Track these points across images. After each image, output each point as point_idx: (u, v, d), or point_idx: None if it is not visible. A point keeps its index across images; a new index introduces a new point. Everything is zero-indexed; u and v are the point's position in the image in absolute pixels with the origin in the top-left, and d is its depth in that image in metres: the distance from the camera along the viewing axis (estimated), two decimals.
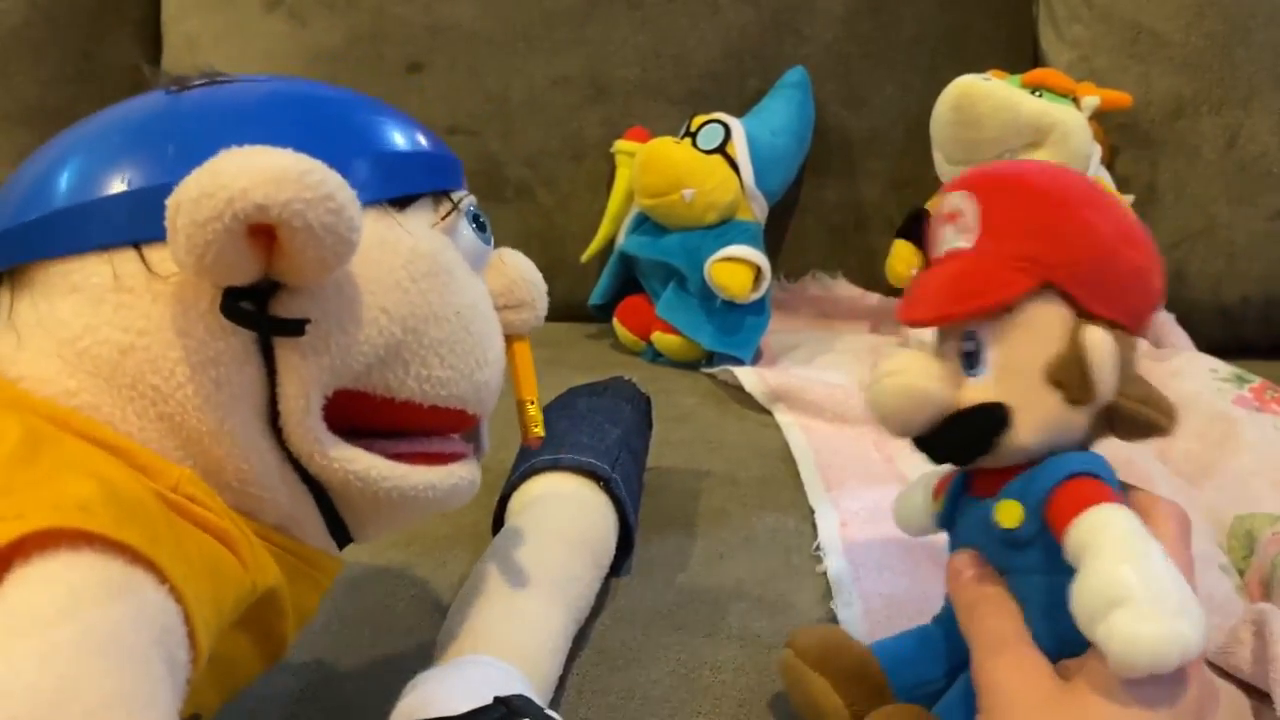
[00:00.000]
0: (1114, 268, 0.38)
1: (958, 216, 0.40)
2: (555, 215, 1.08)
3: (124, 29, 1.20)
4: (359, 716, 0.45)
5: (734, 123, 0.98)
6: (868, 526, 0.61)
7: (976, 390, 0.38)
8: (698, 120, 0.99)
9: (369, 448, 0.36)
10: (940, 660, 0.43)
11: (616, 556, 0.55)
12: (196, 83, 0.38)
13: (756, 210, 0.98)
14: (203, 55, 1.13)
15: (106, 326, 0.33)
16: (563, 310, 1.09)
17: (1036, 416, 0.37)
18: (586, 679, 0.48)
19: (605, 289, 1.02)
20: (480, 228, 0.41)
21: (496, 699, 0.37)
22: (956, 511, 0.42)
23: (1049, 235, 0.38)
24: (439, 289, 0.37)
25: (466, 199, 0.41)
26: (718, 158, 0.95)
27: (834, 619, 0.53)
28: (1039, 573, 0.38)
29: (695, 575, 0.57)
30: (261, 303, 0.33)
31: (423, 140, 0.40)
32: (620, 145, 1.02)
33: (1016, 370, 0.38)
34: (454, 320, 0.37)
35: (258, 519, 0.35)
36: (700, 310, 0.93)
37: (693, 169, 0.93)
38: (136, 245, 0.33)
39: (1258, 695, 0.47)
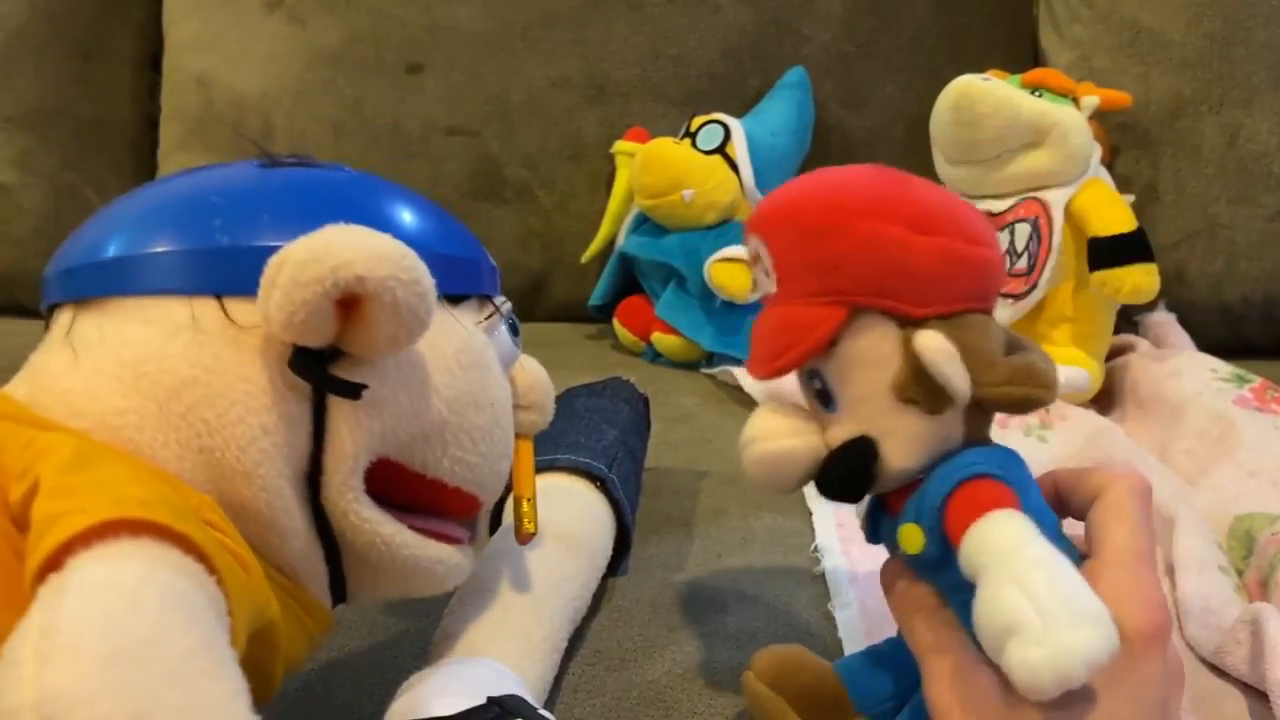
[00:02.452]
0: (916, 265, 0.36)
1: (757, 260, 0.39)
2: (555, 216, 1.09)
3: (125, 30, 1.20)
4: (354, 716, 0.45)
5: (733, 123, 0.98)
6: None
7: (839, 428, 0.37)
8: (697, 121, 0.99)
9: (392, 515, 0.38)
10: (897, 675, 0.42)
11: (614, 556, 0.55)
12: (286, 162, 0.41)
13: None
14: (203, 57, 1.13)
15: (175, 358, 0.35)
16: (563, 311, 1.11)
17: (901, 439, 0.36)
18: (583, 679, 0.48)
19: (605, 289, 1.02)
20: (514, 332, 0.45)
21: (490, 699, 0.37)
22: (880, 527, 0.41)
23: (835, 263, 0.36)
24: (481, 380, 0.40)
25: (505, 305, 0.44)
26: (717, 158, 0.95)
27: (831, 620, 0.53)
28: (961, 590, 0.36)
29: (693, 575, 0.57)
30: (323, 364, 0.35)
31: (473, 249, 0.43)
32: (620, 146, 1.02)
33: (866, 399, 0.36)
34: (490, 411, 0.40)
35: (265, 559, 0.36)
36: (700, 311, 0.93)
37: (692, 169, 0.93)
38: (217, 296, 0.36)
39: (1255, 695, 0.47)
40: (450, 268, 0.40)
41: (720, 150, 0.96)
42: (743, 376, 0.85)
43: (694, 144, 0.96)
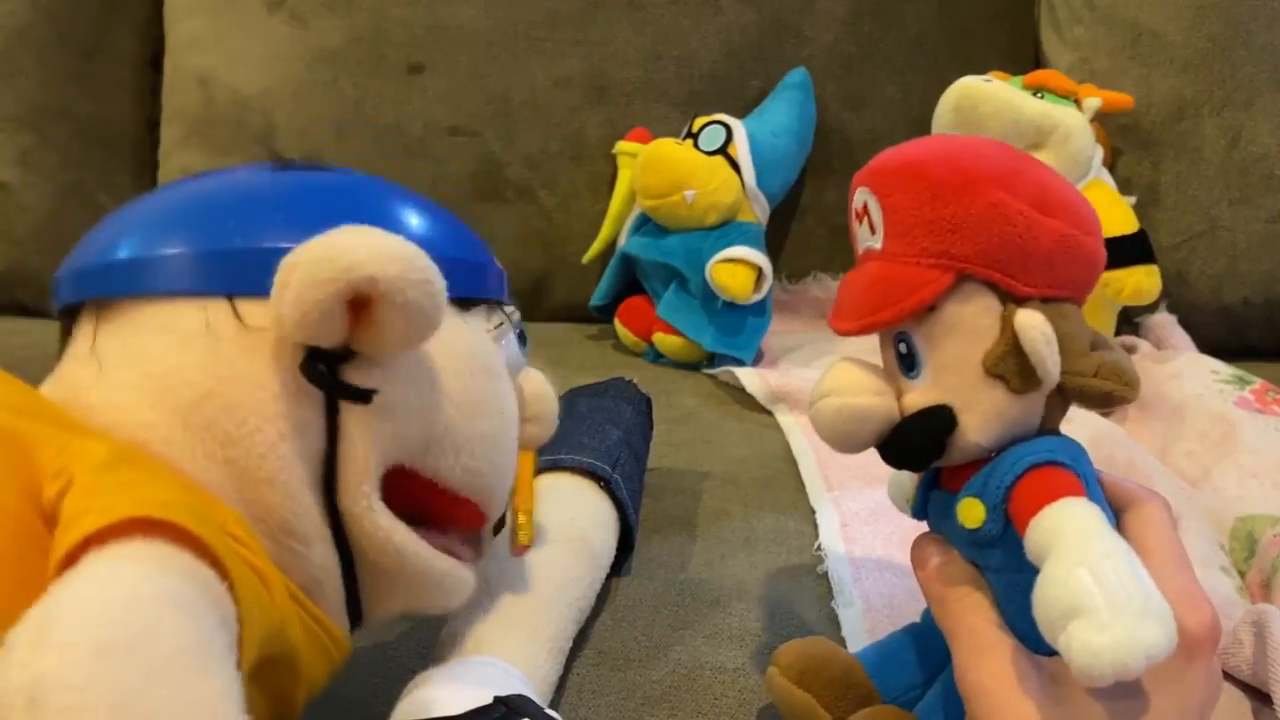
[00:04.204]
0: (1033, 243, 0.36)
1: (864, 215, 0.39)
2: (556, 216, 1.09)
3: (126, 30, 1.20)
4: (361, 715, 0.45)
5: (735, 124, 0.98)
6: (868, 527, 0.61)
7: (918, 394, 0.37)
8: (699, 121, 0.99)
9: None
10: (923, 663, 0.43)
11: (617, 557, 0.55)
12: (297, 165, 0.42)
13: (758, 211, 0.98)
14: (205, 56, 1.13)
15: (193, 368, 0.35)
16: (564, 311, 1.11)
17: (982, 412, 0.36)
18: (587, 679, 0.48)
19: (607, 290, 1.02)
20: (522, 341, 0.45)
21: (496, 699, 0.37)
22: (929, 503, 0.41)
23: (955, 225, 0.36)
24: (491, 387, 0.41)
25: (515, 315, 0.44)
26: (719, 159, 0.95)
27: (834, 619, 0.53)
28: (1009, 571, 0.36)
29: (696, 575, 0.57)
30: (335, 367, 0.36)
31: (481, 253, 0.43)
32: (622, 146, 1.02)
33: (953, 368, 0.36)
34: (499, 419, 0.41)
35: (290, 576, 0.36)
36: (701, 311, 0.93)
37: (694, 170, 0.93)
38: (229, 298, 0.36)
39: (1258, 696, 0.47)
40: (460, 271, 0.40)
41: (722, 151, 0.96)
42: (744, 377, 0.85)
43: (696, 145, 0.96)
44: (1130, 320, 0.96)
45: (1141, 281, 0.82)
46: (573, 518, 0.53)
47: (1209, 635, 0.34)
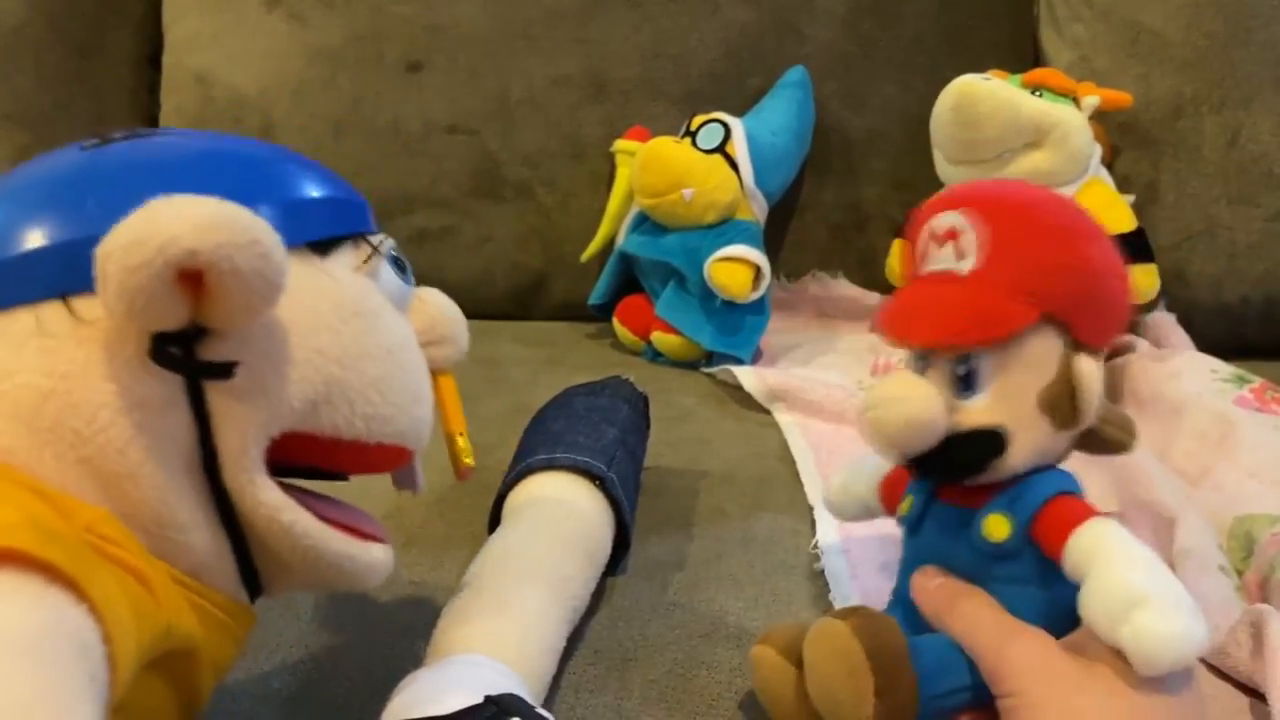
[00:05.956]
0: (1104, 300, 0.40)
1: (956, 236, 0.41)
2: (555, 215, 1.08)
3: (124, 28, 1.20)
4: (352, 715, 0.45)
5: (734, 122, 0.98)
6: (865, 525, 0.61)
7: (972, 414, 0.40)
8: (698, 120, 0.99)
9: (301, 502, 0.37)
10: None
11: (614, 556, 0.55)
12: (115, 137, 0.38)
13: (756, 210, 0.98)
14: (202, 54, 1.13)
15: (27, 371, 0.33)
16: (562, 310, 1.11)
17: (1029, 441, 0.39)
18: (583, 678, 0.48)
19: (605, 289, 1.02)
20: (401, 269, 0.42)
21: (487, 698, 0.36)
22: (926, 514, 0.43)
23: (1053, 269, 0.39)
24: (369, 329, 0.38)
25: (386, 243, 0.42)
26: (718, 157, 0.95)
27: None
28: (1020, 582, 0.40)
29: (693, 575, 0.57)
30: (189, 347, 0.34)
31: (331, 187, 0.40)
32: (620, 145, 1.02)
33: (1013, 397, 0.39)
34: (388, 359, 0.39)
35: (172, 563, 0.35)
36: (700, 310, 0.92)
37: (693, 168, 0.93)
38: (61, 296, 0.33)
39: (1255, 696, 0.47)
40: (303, 214, 0.38)
41: (720, 149, 0.96)
42: (743, 376, 0.85)
43: (694, 143, 0.96)
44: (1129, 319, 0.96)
45: (1140, 280, 0.82)
46: (568, 516, 0.53)
47: None
